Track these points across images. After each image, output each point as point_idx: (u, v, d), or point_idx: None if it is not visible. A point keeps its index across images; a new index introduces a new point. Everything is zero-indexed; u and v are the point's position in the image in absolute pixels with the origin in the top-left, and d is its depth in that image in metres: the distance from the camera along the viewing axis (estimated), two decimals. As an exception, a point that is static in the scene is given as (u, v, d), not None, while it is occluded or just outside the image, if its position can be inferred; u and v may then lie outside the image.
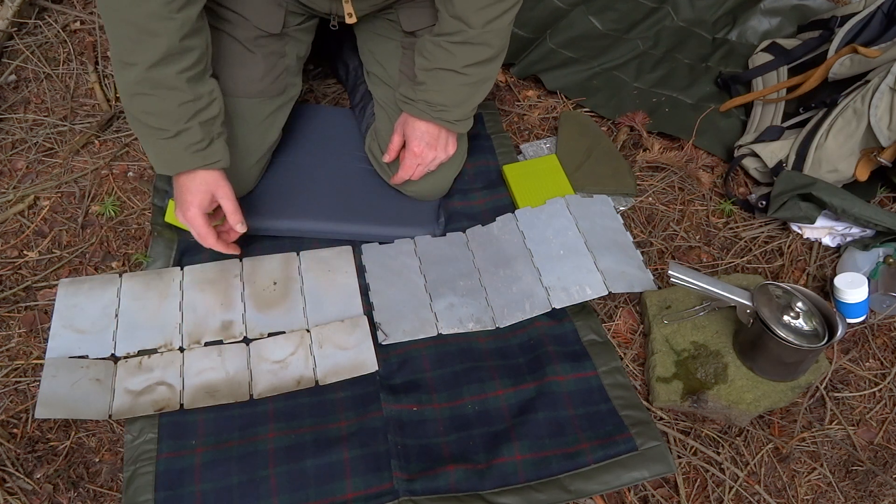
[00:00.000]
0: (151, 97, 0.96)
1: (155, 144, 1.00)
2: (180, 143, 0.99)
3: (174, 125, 0.97)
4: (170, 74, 0.95)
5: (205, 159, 1.01)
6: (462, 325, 1.10)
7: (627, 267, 1.15)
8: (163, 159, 1.02)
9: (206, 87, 1.00)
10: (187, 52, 0.96)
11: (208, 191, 1.03)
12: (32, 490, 0.94)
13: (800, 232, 1.25)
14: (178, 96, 0.96)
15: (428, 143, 1.15)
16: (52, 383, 0.98)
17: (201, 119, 0.99)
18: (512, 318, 1.11)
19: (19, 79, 1.45)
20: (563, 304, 1.10)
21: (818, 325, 0.98)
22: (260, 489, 0.92)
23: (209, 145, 1.01)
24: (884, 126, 1.18)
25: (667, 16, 1.67)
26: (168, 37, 0.92)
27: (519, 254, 1.18)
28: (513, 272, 1.16)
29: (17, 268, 1.16)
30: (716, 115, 1.46)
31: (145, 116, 0.98)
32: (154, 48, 0.92)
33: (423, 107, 1.12)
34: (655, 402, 1.03)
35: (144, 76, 0.94)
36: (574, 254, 1.15)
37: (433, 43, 1.09)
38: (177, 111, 0.97)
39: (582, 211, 1.23)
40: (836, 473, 1.00)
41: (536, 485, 0.93)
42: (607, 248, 1.16)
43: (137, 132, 1.03)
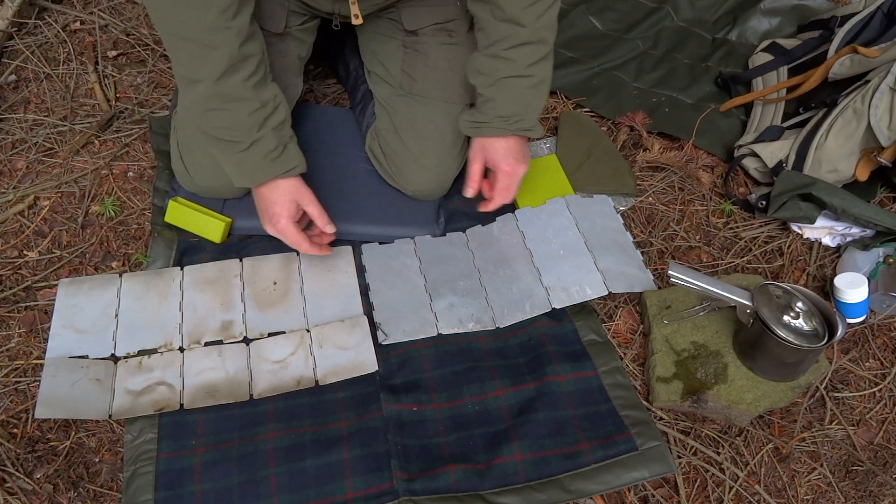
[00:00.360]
0: (222, 111, 0.96)
1: (232, 158, 1.01)
2: (256, 154, 1.00)
3: (247, 136, 0.98)
4: (236, 84, 0.95)
5: (283, 166, 1.02)
6: (462, 325, 1.10)
7: (627, 267, 1.15)
8: (242, 172, 1.03)
9: (270, 93, 1.00)
10: (248, 59, 0.95)
11: (293, 199, 1.04)
12: (32, 490, 0.94)
13: (800, 232, 1.25)
14: (246, 106, 0.97)
15: (515, 157, 1.12)
16: (52, 383, 0.98)
17: (272, 125, 1.00)
18: (512, 318, 1.11)
19: (19, 79, 1.45)
20: (563, 304, 1.10)
21: (818, 325, 0.98)
22: (260, 489, 0.92)
23: (283, 151, 1.02)
24: (884, 126, 1.18)
25: (667, 16, 1.67)
26: (228, 47, 0.92)
27: (519, 254, 1.18)
28: (513, 272, 1.16)
29: (17, 268, 1.16)
30: (716, 115, 1.46)
31: (219, 131, 0.99)
32: (217, 60, 0.92)
33: (499, 123, 1.09)
34: (655, 402, 1.03)
35: (213, 91, 0.94)
36: (574, 254, 1.15)
37: (488, 56, 1.07)
38: (247, 121, 0.97)
39: (582, 211, 1.22)
40: (836, 473, 1.00)
41: (536, 485, 0.93)
42: (607, 248, 1.16)
43: (213, 148, 1.04)
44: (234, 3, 0.91)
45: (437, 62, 1.19)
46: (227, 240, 1.20)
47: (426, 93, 1.20)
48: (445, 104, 1.21)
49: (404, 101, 1.21)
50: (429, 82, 1.20)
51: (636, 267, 1.16)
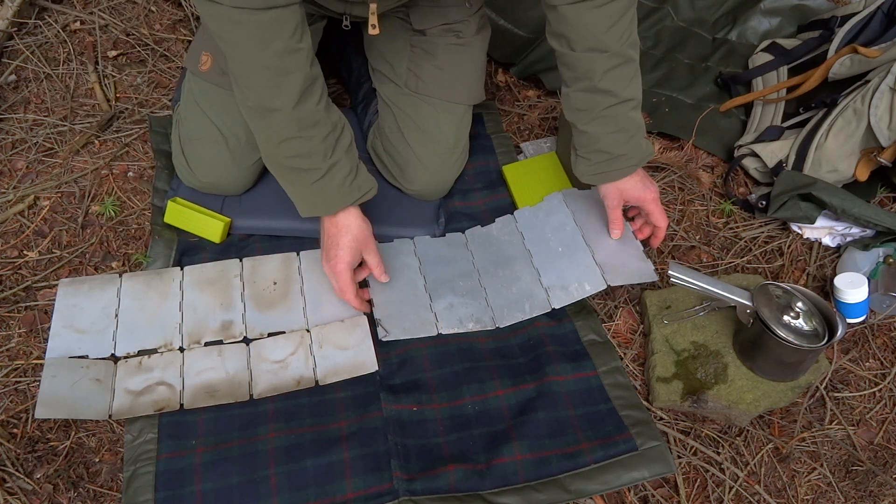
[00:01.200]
0: (299, 139, 0.94)
1: (306, 188, 0.99)
2: (334, 179, 0.98)
3: (323, 162, 0.96)
4: (311, 109, 0.93)
5: (359, 190, 1.01)
6: (462, 325, 1.09)
7: (627, 258, 1.12)
8: (319, 201, 1.00)
9: (337, 115, 0.99)
10: (317, 80, 0.94)
11: (358, 248, 1.03)
12: (32, 490, 0.94)
13: (800, 232, 1.25)
14: (321, 130, 0.95)
15: (647, 181, 1.07)
16: (52, 383, 0.98)
17: (343, 147, 0.98)
18: (511, 318, 1.10)
19: (19, 79, 1.45)
20: (562, 303, 1.09)
21: (818, 325, 0.98)
22: (260, 489, 0.92)
23: (357, 175, 1.00)
24: (884, 126, 1.18)
25: (667, 16, 1.67)
26: (302, 70, 0.91)
27: (518, 255, 1.17)
28: (512, 273, 1.15)
29: (17, 268, 1.16)
30: (716, 115, 1.46)
31: (296, 161, 0.96)
32: (293, 85, 0.90)
33: (623, 163, 1.03)
34: (655, 402, 1.03)
35: (291, 118, 0.92)
36: (572, 250, 1.14)
37: (582, 91, 1.01)
38: (322, 146, 0.95)
39: (579, 204, 1.21)
40: (836, 473, 1.00)
41: (536, 485, 0.93)
42: (605, 241, 1.14)
43: (284, 179, 1.01)
44: (300, 25, 0.89)
45: (443, 62, 1.19)
46: (226, 240, 1.20)
47: (431, 92, 1.20)
48: (450, 105, 1.21)
49: (409, 99, 1.21)
50: (434, 82, 1.20)
51: (636, 258, 1.13)
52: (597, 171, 1.05)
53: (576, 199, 1.22)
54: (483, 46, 1.25)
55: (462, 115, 1.23)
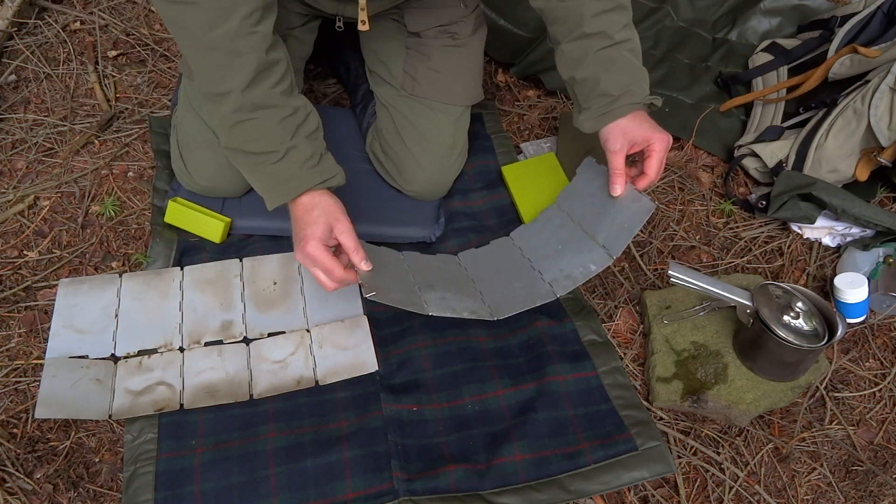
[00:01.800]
0: (252, 121, 0.92)
1: (265, 172, 0.96)
2: (292, 163, 0.94)
3: (281, 144, 0.93)
4: (265, 91, 0.91)
5: (321, 175, 0.96)
6: (455, 312, 1.01)
7: (622, 217, 1.04)
8: (277, 186, 0.96)
9: (300, 101, 0.97)
10: (275, 66, 0.93)
11: (327, 223, 0.94)
12: (32, 490, 0.94)
13: (800, 232, 1.25)
14: (277, 113, 0.93)
15: (657, 127, 1.01)
16: (52, 383, 0.98)
17: (305, 133, 0.95)
18: (511, 309, 1.03)
19: (19, 79, 1.45)
20: (566, 290, 1.04)
21: (818, 325, 0.98)
22: (260, 489, 0.92)
23: (320, 160, 0.96)
24: (884, 126, 1.18)
25: (667, 16, 1.67)
26: (255, 53, 0.89)
27: (516, 263, 1.12)
28: (510, 276, 1.10)
29: (17, 268, 1.16)
30: (716, 115, 1.45)
31: (250, 144, 0.94)
32: (244, 68, 0.89)
33: (626, 99, 0.99)
34: (655, 402, 1.03)
35: (241, 101, 0.90)
36: (572, 242, 1.09)
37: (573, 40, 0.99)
38: (279, 129, 0.93)
39: (571, 199, 1.14)
40: (836, 473, 1.00)
41: (536, 485, 0.93)
42: (601, 219, 1.07)
43: (243, 166, 0.98)
44: (257, 9, 0.88)
45: (439, 64, 1.19)
46: (226, 240, 1.20)
47: (427, 95, 1.20)
48: (446, 106, 1.21)
49: (405, 101, 1.21)
50: (430, 84, 1.20)
51: (629, 203, 1.04)
52: (599, 112, 1.00)
53: (568, 197, 1.15)
54: (480, 46, 1.24)
55: (459, 117, 1.23)
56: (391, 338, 1.09)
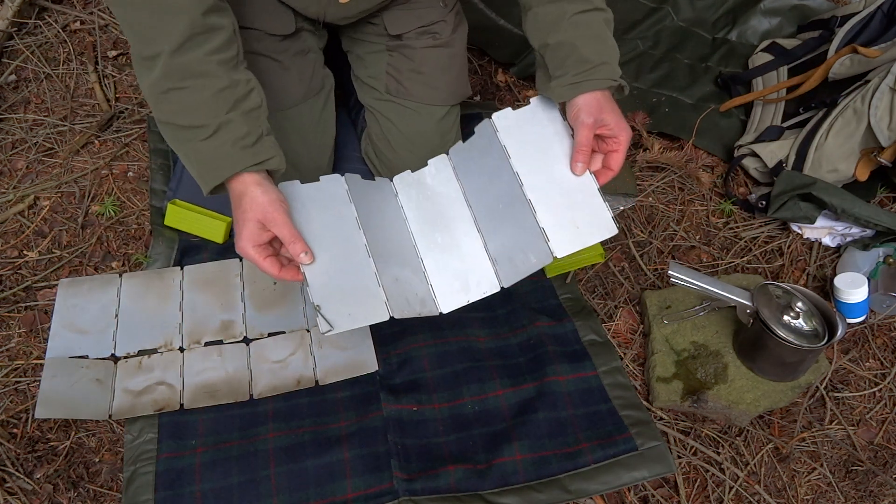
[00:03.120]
0: (182, 90, 0.83)
1: (194, 149, 0.85)
2: (224, 140, 0.84)
3: (213, 118, 0.83)
4: (199, 57, 0.82)
5: (255, 156, 0.85)
6: (410, 307, 0.91)
7: (578, 210, 0.90)
8: (205, 167, 0.86)
9: (243, 75, 0.87)
10: (214, 31, 0.84)
11: (256, 219, 0.84)
12: (32, 490, 0.94)
13: (800, 232, 1.25)
14: (212, 83, 0.83)
15: (623, 116, 0.93)
16: (51, 383, 0.98)
17: (243, 109, 0.85)
18: (455, 301, 0.94)
19: (19, 79, 1.45)
20: (511, 282, 0.93)
21: (818, 325, 0.98)
22: (260, 489, 0.92)
23: (257, 141, 0.86)
24: (884, 126, 1.18)
25: (667, 16, 1.67)
26: (189, 11, 0.81)
27: (458, 214, 0.98)
28: (452, 239, 0.97)
29: (17, 268, 1.16)
30: (716, 115, 1.45)
31: (178, 116, 0.84)
32: (176, 27, 0.80)
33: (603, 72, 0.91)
34: (655, 402, 1.03)
35: (171, 64, 0.81)
36: (514, 207, 0.93)
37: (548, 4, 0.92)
38: (213, 101, 0.83)
39: (514, 135, 0.96)
40: (836, 473, 1.00)
41: (536, 485, 0.93)
42: (549, 192, 0.92)
43: (172, 141, 0.88)
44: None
45: (422, 66, 1.19)
46: (227, 240, 1.20)
47: (411, 96, 1.19)
48: (431, 108, 1.20)
49: (389, 105, 1.21)
50: (414, 86, 1.19)
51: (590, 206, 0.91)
52: (575, 80, 0.90)
53: (510, 129, 0.96)
54: (462, 43, 1.23)
55: (444, 116, 1.22)
56: (391, 338, 1.09)
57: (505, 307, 1.14)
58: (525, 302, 1.15)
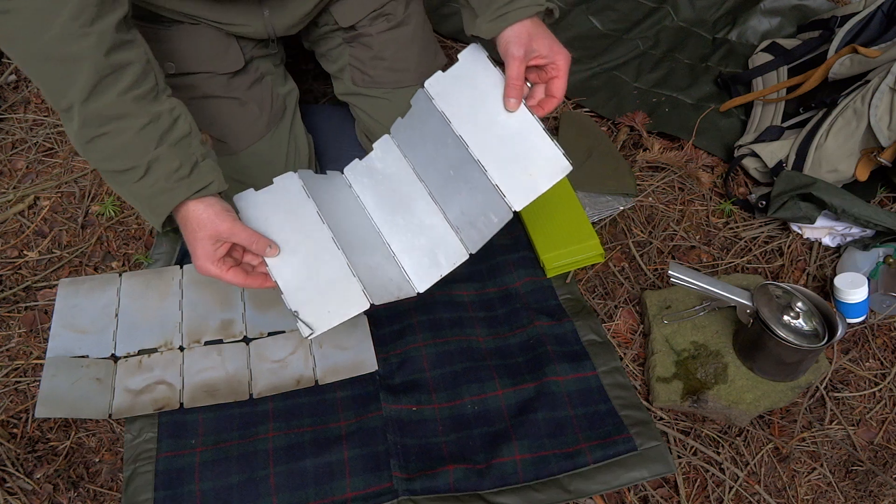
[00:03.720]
0: (104, 136, 0.80)
1: (131, 191, 0.84)
2: (158, 177, 0.82)
3: (142, 157, 0.81)
4: (112, 100, 0.79)
5: (190, 187, 0.83)
6: (387, 292, 0.91)
7: (526, 157, 0.87)
8: (147, 206, 0.84)
9: (165, 105, 0.84)
10: (122, 70, 0.80)
11: (208, 236, 0.84)
12: (32, 490, 0.94)
13: (800, 232, 1.25)
14: (132, 123, 0.80)
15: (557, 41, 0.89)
16: (52, 383, 0.98)
17: (170, 141, 0.83)
18: (430, 278, 0.93)
19: (19, 79, 1.45)
20: (477, 245, 0.91)
21: (818, 325, 0.98)
22: (259, 488, 0.92)
23: (192, 170, 0.84)
24: (884, 126, 1.18)
25: (667, 16, 1.67)
26: (90, 57, 0.77)
27: (412, 190, 0.96)
28: (412, 218, 0.96)
29: (17, 268, 1.16)
30: (716, 115, 1.45)
31: (108, 162, 0.82)
32: (81, 75, 0.77)
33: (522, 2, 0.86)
34: (655, 402, 1.03)
35: (86, 113, 0.79)
36: (464, 169, 0.91)
37: None
38: (137, 140, 0.81)
39: (451, 101, 0.92)
40: (836, 473, 1.00)
41: (536, 484, 0.93)
42: (496, 147, 0.89)
43: (111, 185, 0.86)
44: (89, 6, 0.76)
45: (382, 51, 1.17)
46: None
47: (380, 84, 1.18)
48: (402, 90, 1.18)
49: (362, 98, 1.21)
50: (380, 73, 1.18)
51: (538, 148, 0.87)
52: (498, 14, 0.87)
53: (445, 92, 0.93)
54: (419, 17, 1.20)
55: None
56: (390, 337, 1.09)
57: (504, 307, 1.14)
58: (525, 302, 1.15)
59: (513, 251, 1.22)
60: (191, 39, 1.04)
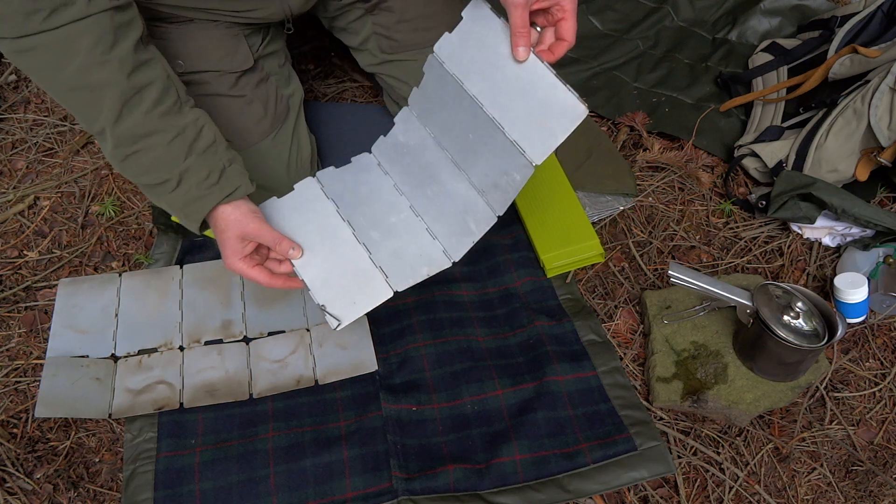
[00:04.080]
0: (137, 154, 0.86)
1: (167, 201, 0.90)
2: (189, 186, 0.88)
3: (173, 170, 0.87)
4: (139, 119, 0.84)
5: (220, 192, 0.89)
6: (414, 274, 0.93)
7: (541, 108, 0.85)
8: (182, 212, 0.91)
9: (190, 117, 0.88)
10: (145, 89, 0.85)
11: (235, 236, 0.90)
12: (32, 490, 0.94)
13: (800, 232, 1.25)
14: (161, 138, 0.86)
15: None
16: (52, 382, 0.98)
17: (198, 151, 0.88)
18: (463, 246, 0.94)
19: (19, 79, 1.45)
20: (504, 206, 0.91)
21: (818, 325, 0.98)
22: (259, 488, 0.92)
23: (221, 176, 0.89)
24: (884, 126, 1.18)
25: (667, 16, 1.67)
26: (114, 82, 0.82)
27: (435, 159, 0.97)
28: (439, 186, 0.96)
29: (17, 268, 1.16)
30: (716, 115, 1.45)
31: (143, 177, 0.88)
32: (108, 100, 0.82)
33: None
34: (655, 402, 1.03)
35: (117, 135, 0.84)
36: (481, 130, 0.90)
37: None
38: (167, 154, 0.86)
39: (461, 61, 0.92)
40: (836, 473, 1.00)
41: (535, 484, 0.93)
42: (511, 106, 0.87)
43: (149, 196, 0.93)
44: (105, 34, 0.80)
45: (405, 13, 1.16)
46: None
47: (407, 47, 1.18)
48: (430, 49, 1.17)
49: (392, 66, 1.20)
50: (406, 36, 1.17)
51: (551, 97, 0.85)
52: None
53: (454, 55, 0.92)
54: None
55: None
56: (390, 337, 1.09)
57: (504, 307, 1.14)
58: (525, 302, 1.15)
59: (513, 251, 1.22)
60: (201, 38, 1.05)
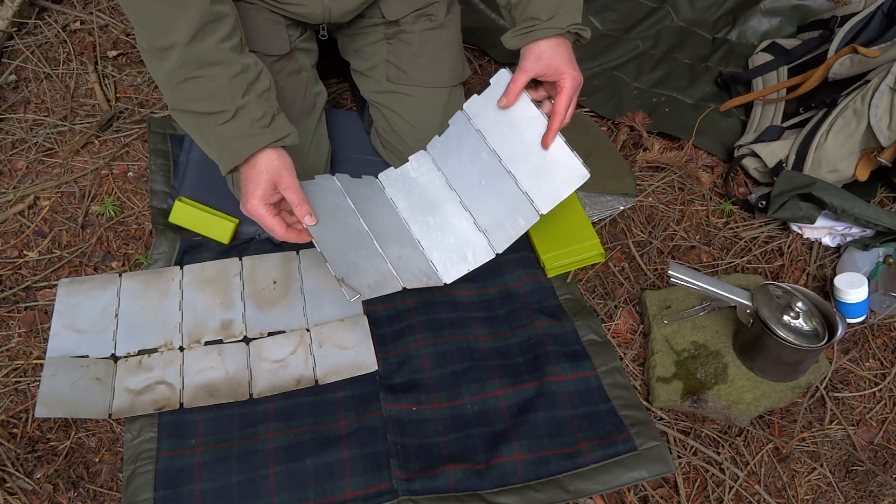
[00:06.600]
0: (199, 79, 0.88)
1: (214, 134, 0.91)
2: (242, 122, 0.90)
3: (231, 103, 0.89)
4: (212, 46, 0.87)
5: (274, 134, 0.91)
6: (417, 279, 1.00)
7: (551, 165, 1.01)
8: (226, 149, 0.92)
9: (251, 59, 0.93)
10: (222, 19, 0.89)
11: (270, 180, 0.92)
12: (32, 490, 0.94)
13: (800, 232, 1.25)
14: (226, 70, 0.88)
15: (572, 62, 0.98)
16: (52, 382, 0.98)
17: (256, 91, 0.92)
18: (457, 271, 1.04)
19: (19, 79, 1.45)
20: (504, 246, 1.04)
21: (818, 325, 0.98)
22: (259, 488, 0.92)
23: (272, 120, 0.92)
24: (884, 126, 1.18)
25: (667, 16, 1.67)
26: (199, 3, 0.85)
27: (444, 198, 1.08)
28: (443, 219, 1.07)
29: (17, 268, 1.16)
30: (716, 115, 1.46)
31: (197, 104, 0.90)
32: (188, 19, 0.84)
33: (553, 22, 0.96)
34: (655, 402, 1.03)
35: (186, 55, 0.86)
36: (495, 180, 1.04)
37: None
38: (229, 87, 0.89)
39: (487, 117, 1.05)
40: (836, 473, 1.00)
41: (535, 484, 0.93)
42: (523, 158, 1.02)
43: (190, 127, 0.94)
44: None
45: (421, 49, 1.19)
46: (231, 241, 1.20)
47: (414, 81, 1.20)
48: (434, 91, 1.21)
49: (393, 97, 1.21)
50: (416, 70, 1.20)
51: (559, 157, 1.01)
52: (521, 31, 0.98)
53: (480, 112, 1.06)
54: (456, 24, 1.24)
55: (448, 98, 1.22)
56: (390, 337, 1.09)
57: (505, 307, 1.14)
58: (525, 302, 1.15)
59: (513, 251, 1.21)
60: (245, 17, 1.06)
